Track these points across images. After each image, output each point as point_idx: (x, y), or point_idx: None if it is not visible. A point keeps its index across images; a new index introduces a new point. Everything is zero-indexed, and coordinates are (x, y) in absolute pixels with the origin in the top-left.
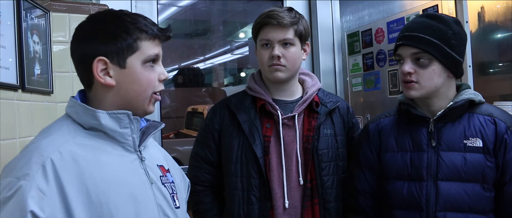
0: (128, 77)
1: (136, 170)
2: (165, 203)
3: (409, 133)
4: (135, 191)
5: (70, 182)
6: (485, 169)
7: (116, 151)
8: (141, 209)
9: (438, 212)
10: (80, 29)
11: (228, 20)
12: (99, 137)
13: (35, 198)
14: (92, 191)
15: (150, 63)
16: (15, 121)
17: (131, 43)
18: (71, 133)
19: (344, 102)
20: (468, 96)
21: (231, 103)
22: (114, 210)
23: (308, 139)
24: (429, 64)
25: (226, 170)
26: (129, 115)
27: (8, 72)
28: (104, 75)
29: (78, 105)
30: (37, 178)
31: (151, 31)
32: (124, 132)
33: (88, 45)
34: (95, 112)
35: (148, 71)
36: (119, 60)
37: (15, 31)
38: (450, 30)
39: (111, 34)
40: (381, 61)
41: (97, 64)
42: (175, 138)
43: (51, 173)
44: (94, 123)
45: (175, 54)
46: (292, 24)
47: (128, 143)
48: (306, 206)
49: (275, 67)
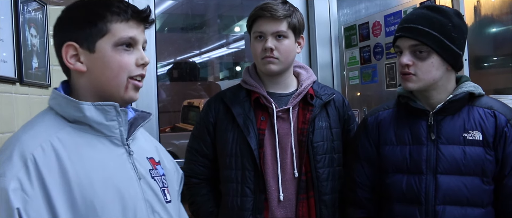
0: (98, 61)
1: (123, 165)
2: (154, 198)
3: (408, 126)
4: (122, 187)
5: (53, 180)
6: (484, 163)
7: (103, 146)
8: (129, 206)
9: (437, 205)
10: (56, 20)
11: (224, 14)
12: (84, 130)
13: (19, 197)
14: (76, 190)
15: (124, 46)
16: (13, 114)
17: (101, 27)
18: (54, 127)
19: (340, 95)
20: (468, 89)
21: (225, 97)
22: (99, 209)
23: (302, 132)
24: (428, 56)
25: (221, 162)
26: (115, 106)
27: (6, 65)
28: (75, 62)
29: (60, 97)
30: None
31: (124, 13)
32: (111, 124)
33: (61, 33)
34: (78, 104)
35: (121, 54)
36: (88, 44)
37: (12, 24)
38: (450, 23)
39: (81, 19)
40: (378, 55)
41: (67, 50)
42: (171, 132)
43: (33, 170)
44: (78, 115)
45: (172, 48)
46: (285, 16)
47: (115, 136)
48: (301, 198)
49: (268, 60)
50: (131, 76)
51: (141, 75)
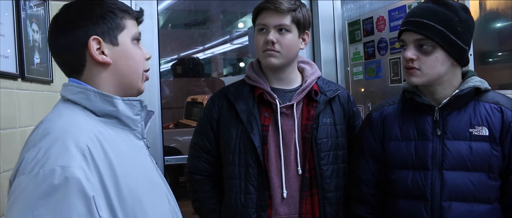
0: (123, 53)
1: (146, 157)
2: (166, 188)
3: (413, 121)
4: (153, 177)
5: (105, 171)
6: (491, 158)
7: (129, 139)
8: (159, 194)
9: (443, 201)
10: (60, 18)
11: (227, 9)
12: (113, 124)
13: (89, 185)
14: (122, 180)
15: (136, 41)
16: (15, 111)
17: (119, 22)
18: (89, 121)
19: (345, 91)
20: (474, 84)
21: (229, 93)
22: (142, 198)
23: (306, 128)
24: (433, 51)
25: (224, 159)
26: (141, 102)
27: (8, 61)
28: (100, 54)
29: (90, 92)
30: (83, 165)
31: (132, 11)
32: (136, 118)
33: (76, 29)
34: (112, 98)
35: (137, 48)
36: (111, 38)
37: (14, 20)
38: (456, 17)
39: (99, 15)
40: (383, 50)
41: (92, 44)
42: (175, 128)
43: (90, 161)
44: (111, 109)
45: (175, 44)
46: (289, 10)
47: (138, 130)
48: (305, 196)
49: (268, 53)
50: (145, 69)
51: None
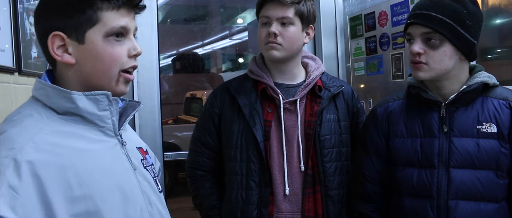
0: (88, 53)
1: (118, 156)
2: (149, 188)
3: (419, 117)
4: (121, 179)
5: (49, 176)
6: (499, 156)
7: (96, 137)
8: (129, 198)
9: (450, 200)
10: (39, 7)
11: (227, 4)
12: (75, 121)
13: (6, 197)
14: (75, 184)
15: (114, 37)
16: (12, 105)
17: (91, 15)
18: (44, 120)
19: (349, 87)
20: (482, 79)
21: (231, 87)
22: (100, 203)
23: (310, 124)
24: (440, 45)
25: (226, 154)
26: (108, 95)
27: (4, 55)
28: (62, 53)
29: (49, 88)
30: (7, 174)
31: (115, 0)
32: (103, 114)
33: (45, 20)
34: (70, 94)
35: (112, 46)
36: (77, 34)
37: (10, 12)
38: (464, 10)
39: (69, 6)
40: (384, 45)
41: (53, 40)
42: (174, 124)
43: (25, 167)
44: (70, 106)
45: (174, 39)
46: (293, 2)
47: (108, 126)
48: (307, 193)
49: (270, 45)
50: (123, 69)
51: (133, 66)
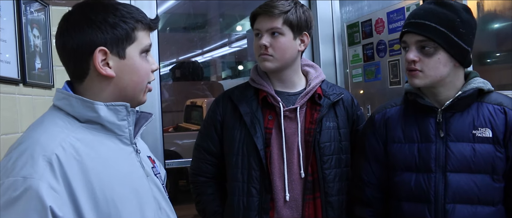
0: (128, 68)
1: (134, 163)
2: (160, 195)
3: (416, 123)
4: (137, 185)
5: (76, 179)
6: (495, 160)
7: (114, 144)
8: (144, 203)
9: (447, 204)
10: (70, 19)
11: (226, 13)
12: (96, 130)
13: (50, 196)
14: (98, 188)
15: (145, 54)
16: (16, 115)
17: (129, 33)
18: (68, 127)
19: (349, 94)
20: (477, 85)
21: (233, 95)
22: (120, 206)
23: (309, 132)
24: (435, 53)
25: (228, 161)
26: (126, 106)
27: (9, 66)
28: (104, 66)
29: (72, 98)
30: (46, 175)
31: (146, 21)
32: (122, 124)
33: (85, 35)
34: (93, 104)
35: (144, 61)
36: (118, 50)
37: (15, 25)
38: (458, 18)
39: (110, 24)
40: (382, 52)
41: (98, 55)
42: (174, 132)
43: (58, 170)
44: (92, 115)
45: (174, 47)
46: (281, 13)
47: (125, 135)
48: (307, 199)
49: (263, 57)
50: (149, 81)
51: (153, 79)
